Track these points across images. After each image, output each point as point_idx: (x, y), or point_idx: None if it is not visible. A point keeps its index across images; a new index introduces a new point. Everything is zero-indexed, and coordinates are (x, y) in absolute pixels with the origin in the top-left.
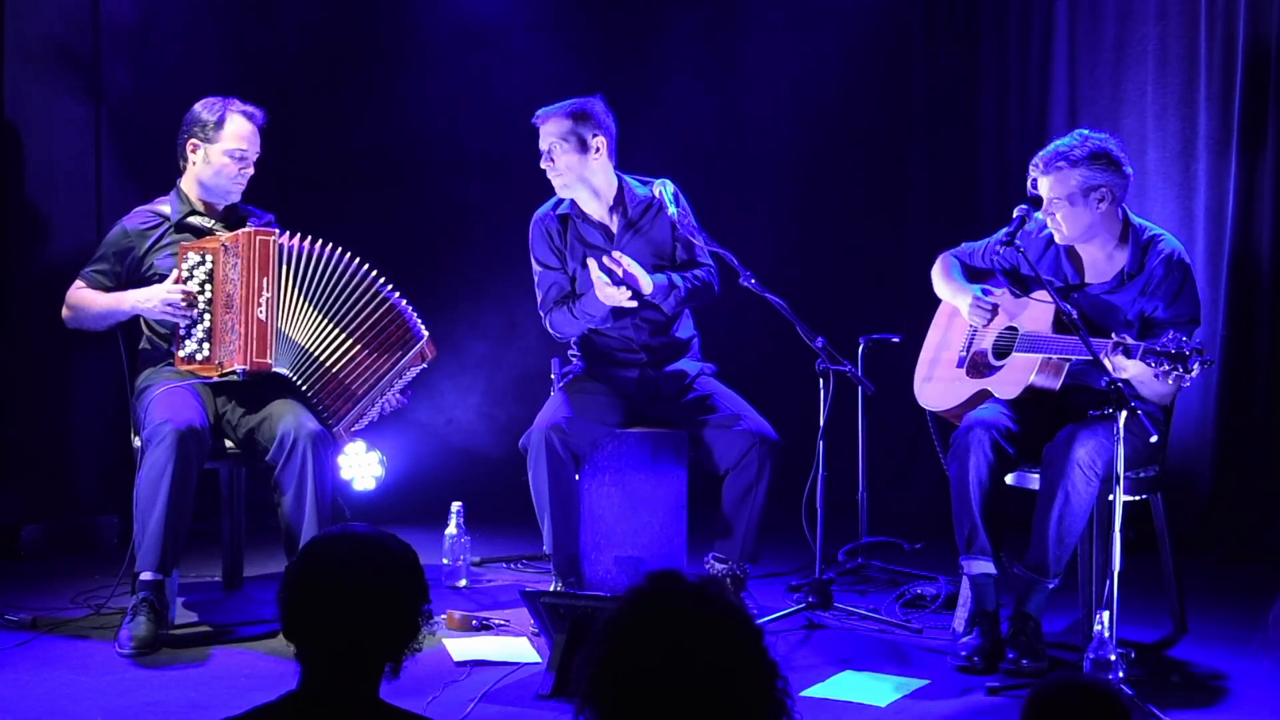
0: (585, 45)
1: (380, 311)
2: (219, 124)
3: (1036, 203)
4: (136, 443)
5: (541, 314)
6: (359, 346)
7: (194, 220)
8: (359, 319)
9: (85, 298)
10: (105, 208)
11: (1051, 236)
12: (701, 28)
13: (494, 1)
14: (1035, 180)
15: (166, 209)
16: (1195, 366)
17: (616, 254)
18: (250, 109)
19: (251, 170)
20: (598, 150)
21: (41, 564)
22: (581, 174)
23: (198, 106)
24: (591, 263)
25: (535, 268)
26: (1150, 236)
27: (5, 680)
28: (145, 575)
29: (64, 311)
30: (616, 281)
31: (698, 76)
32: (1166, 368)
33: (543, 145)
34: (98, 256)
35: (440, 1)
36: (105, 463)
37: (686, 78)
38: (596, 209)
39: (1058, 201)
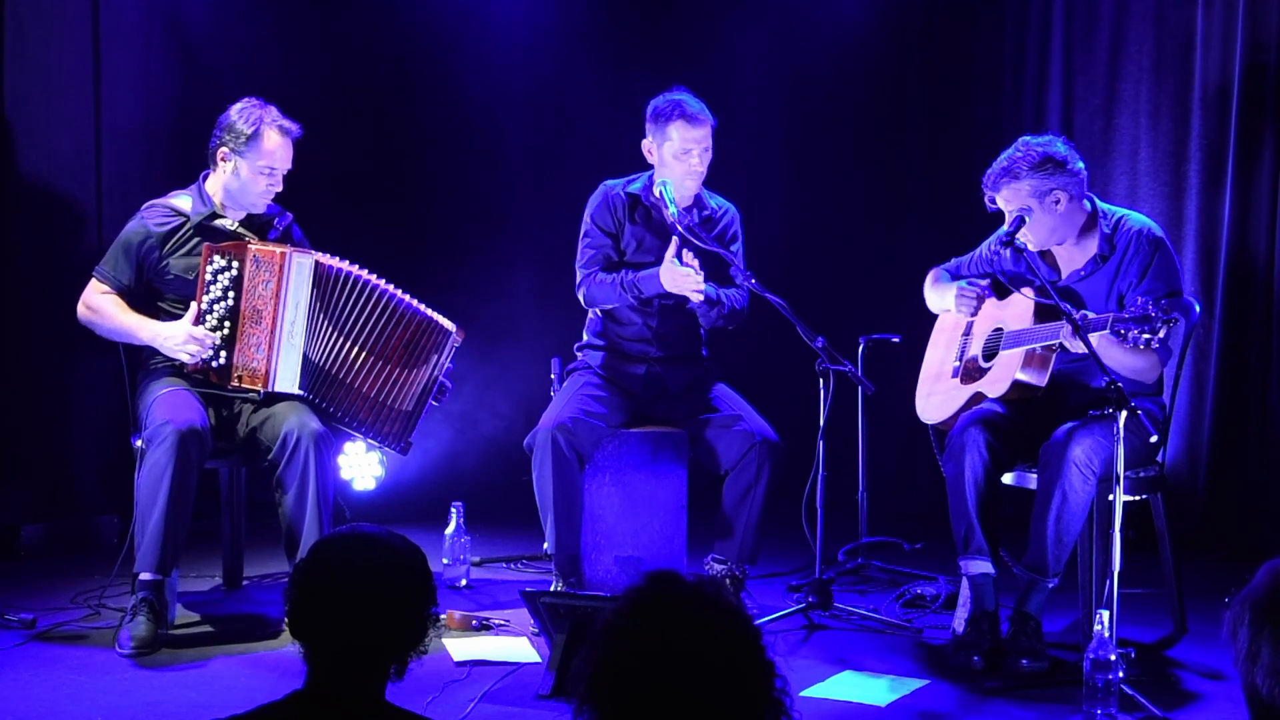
0: (580, 46)
1: (412, 329)
2: (254, 139)
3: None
4: (138, 443)
5: (580, 273)
6: (400, 369)
7: (218, 224)
8: (394, 341)
9: (107, 309)
10: (105, 208)
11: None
12: (696, 28)
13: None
14: (991, 198)
15: (185, 204)
16: (1161, 327)
17: (689, 255)
18: (287, 124)
19: (279, 186)
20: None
21: (41, 564)
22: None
23: (235, 113)
24: (675, 243)
25: (588, 226)
26: (1117, 219)
27: (5, 680)
28: (145, 575)
29: (80, 309)
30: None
31: (693, 77)
32: (1135, 331)
33: (695, 146)
34: (117, 254)
35: None
36: (105, 463)
37: (683, 77)
38: (679, 202)
39: (1015, 213)
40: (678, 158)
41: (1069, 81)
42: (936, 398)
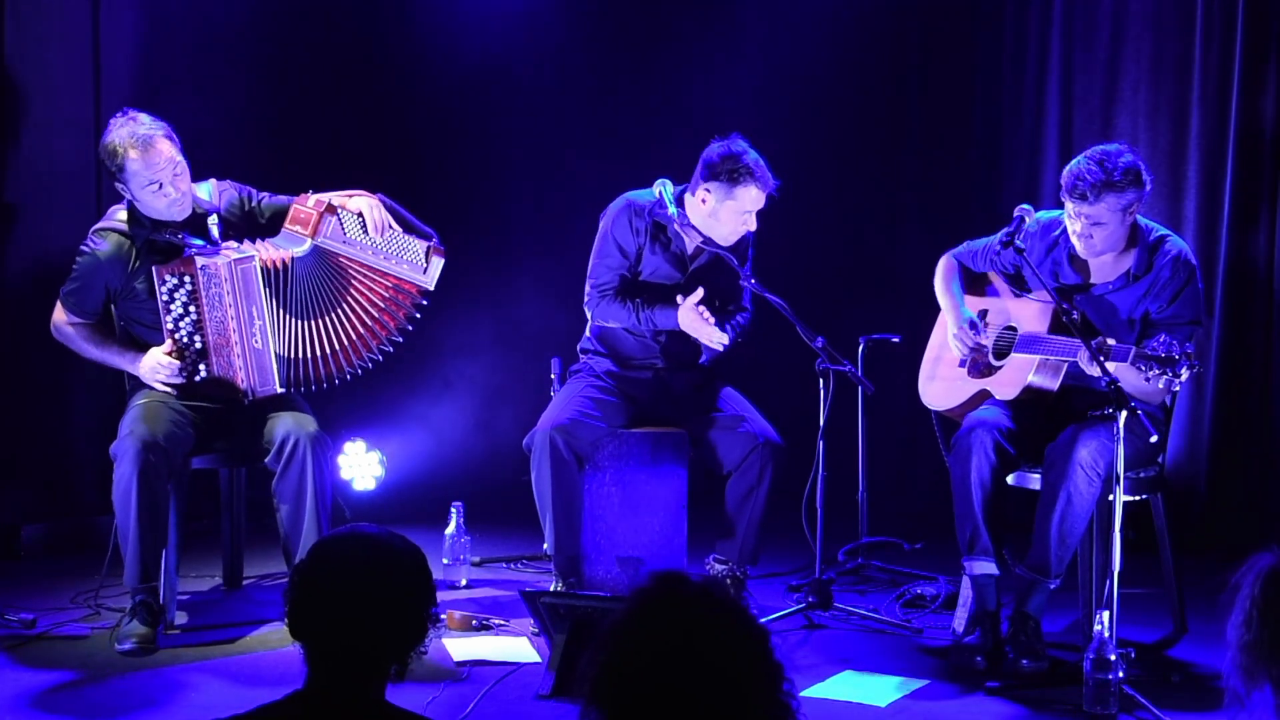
0: (576, 45)
1: (375, 275)
2: (122, 166)
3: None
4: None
5: (593, 292)
6: (372, 294)
7: (163, 236)
8: (355, 285)
9: (85, 342)
10: (105, 208)
11: (1058, 238)
12: (696, 30)
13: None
14: (1075, 207)
15: (125, 217)
16: (1184, 371)
17: (707, 312)
18: (147, 132)
19: (179, 185)
20: None
21: (41, 564)
22: None
23: (104, 139)
24: (699, 294)
25: (607, 241)
26: (1157, 237)
27: (5, 680)
28: (134, 585)
29: (53, 330)
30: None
31: (692, 78)
32: (1156, 371)
33: (760, 206)
34: (76, 287)
35: None
36: (105, 463)
37: (681, 78)
38: (690, 238)
39: (1100, 226)
40: (735, 216)
41: (1068, 81)
42: (941, 384)
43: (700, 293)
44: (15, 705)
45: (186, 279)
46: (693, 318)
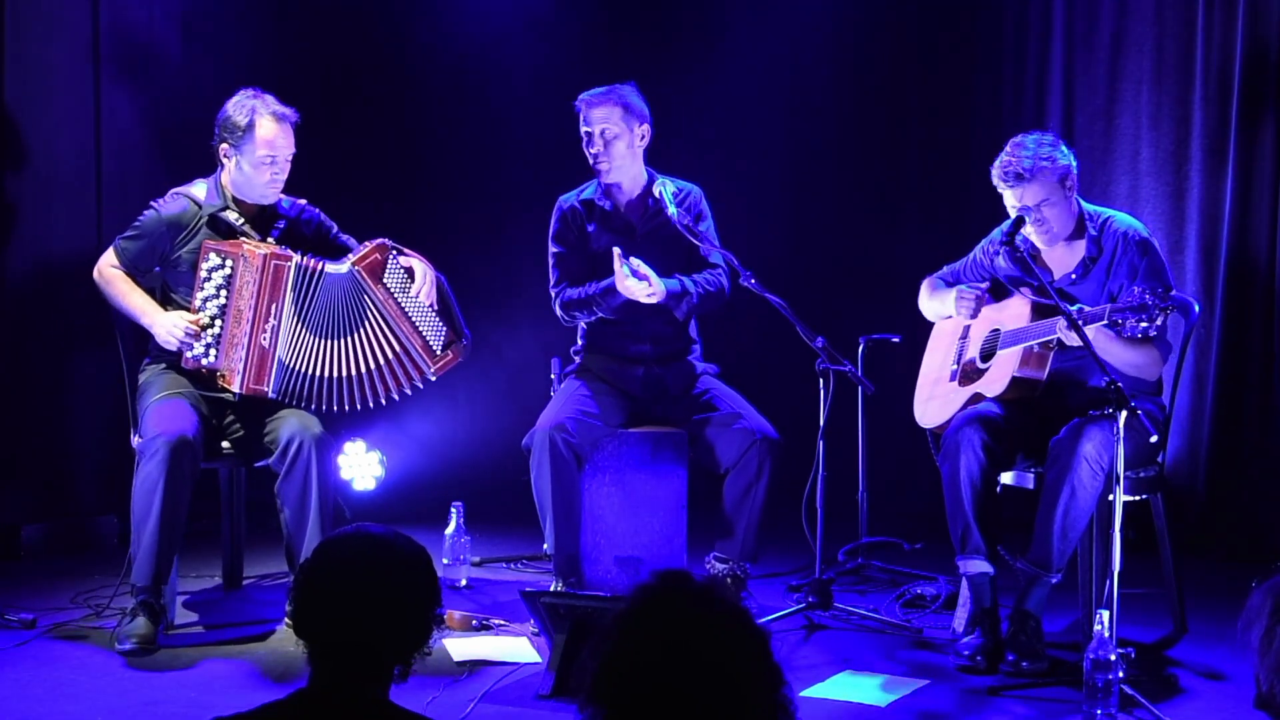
0: (576, 46)
1: (387, 331)
2: (249, 130)
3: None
4: (135, 440)
5: (554, 295)
6: (386, 335)
7: (227, 215)
8: (362, 332)
9: (119, 285)
10: (105, 208)
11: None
12: (694, 27)
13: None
14: (1019, 194)
15: (200, 192)
16: (1159, 315)
17: (634, 261)
18: (282, 109)
19: (284, 173)
20: (642, 138)
21: (41, 564)
22: (626, 162)
23: (230, 106)
24: (616, 252)
25: (553, 249)
26: (1103, 220)
27: (5, 680)
28: (142, 584)
29: (95, 274)
30: (638, 276)
31: (692, 76)
32: (1133, 320)
33: (592, 129)
34: (135, 235)
35: None
36: (105, 463)
37: (681, 77)
38: (623, 199)
39: (1046, 203)
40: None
41: (1069, 83)
42: (935, 402)
43: (619, 254)
44: (15, 705)
45: (228, 262)
46: (623, 283)
